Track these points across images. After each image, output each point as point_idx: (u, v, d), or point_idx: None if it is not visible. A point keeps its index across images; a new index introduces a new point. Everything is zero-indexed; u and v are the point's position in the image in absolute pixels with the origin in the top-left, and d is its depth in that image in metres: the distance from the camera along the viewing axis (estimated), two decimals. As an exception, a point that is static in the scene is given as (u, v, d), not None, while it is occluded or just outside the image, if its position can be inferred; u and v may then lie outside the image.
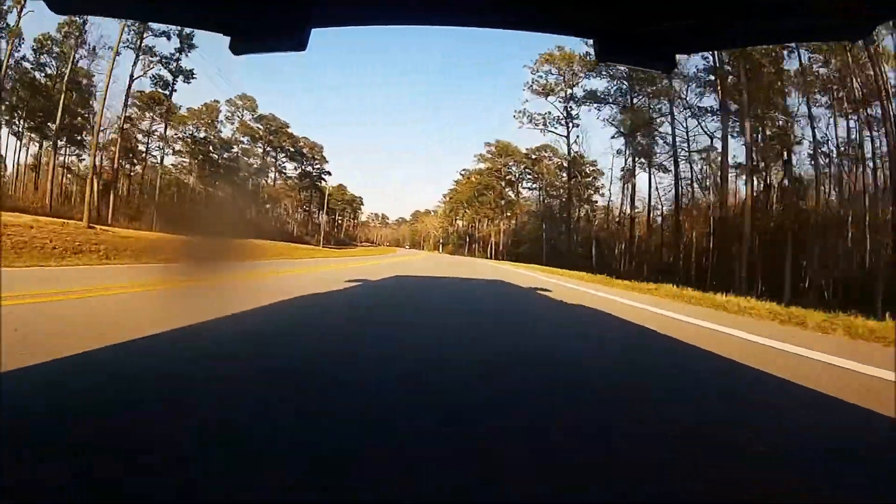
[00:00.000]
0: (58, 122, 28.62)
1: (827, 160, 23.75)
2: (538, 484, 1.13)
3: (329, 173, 61.27)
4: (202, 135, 43.02)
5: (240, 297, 3.88)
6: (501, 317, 4.53)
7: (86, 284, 4.35)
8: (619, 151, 37.79)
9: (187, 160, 41.61)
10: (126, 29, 28.10)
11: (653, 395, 1.98)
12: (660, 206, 34.95)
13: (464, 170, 61.16)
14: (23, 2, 24.55)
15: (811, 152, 24.09)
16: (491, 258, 47.43)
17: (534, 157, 49.19)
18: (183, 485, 1.06)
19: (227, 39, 1.08)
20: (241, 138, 49.06)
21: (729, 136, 26.87)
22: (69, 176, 32.58)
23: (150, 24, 26.96)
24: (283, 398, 1.65)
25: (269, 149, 51.61)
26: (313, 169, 58.77)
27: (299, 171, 56.67)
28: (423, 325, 3.55)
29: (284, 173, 55.33)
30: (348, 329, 3.21)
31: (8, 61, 25.68)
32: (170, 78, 34.11)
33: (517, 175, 52.48)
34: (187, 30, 27.17)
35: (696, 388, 2.19)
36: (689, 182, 32.37)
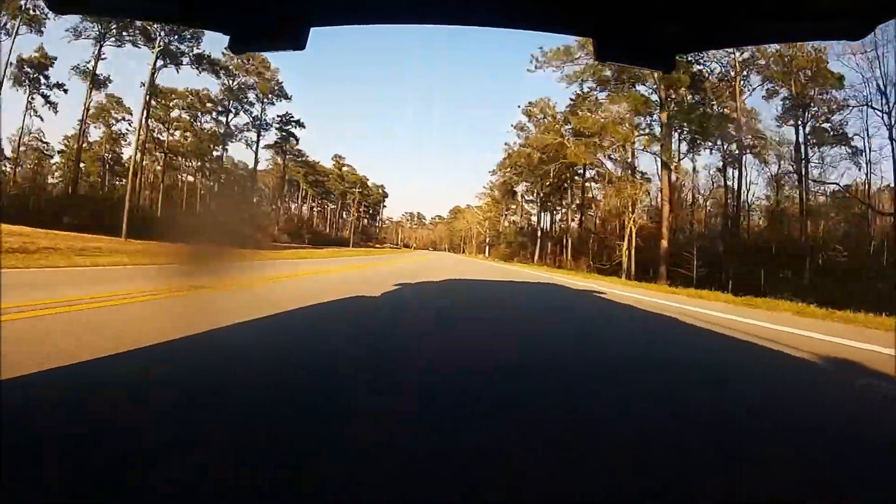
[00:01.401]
0: None
1: None
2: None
3: (301, 124, 34.59)
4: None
5: None
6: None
7: None
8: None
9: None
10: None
11: None
12: None
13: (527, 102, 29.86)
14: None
15: None
16: (620, 276, 19.52)
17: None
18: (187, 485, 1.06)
19: (227, 38, 1.09)
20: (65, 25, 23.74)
21: None
22: None
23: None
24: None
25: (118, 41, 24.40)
26: (266, 113, 31.16)
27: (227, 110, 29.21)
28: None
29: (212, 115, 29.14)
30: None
31: None
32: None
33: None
34: None
35: None
36: None
